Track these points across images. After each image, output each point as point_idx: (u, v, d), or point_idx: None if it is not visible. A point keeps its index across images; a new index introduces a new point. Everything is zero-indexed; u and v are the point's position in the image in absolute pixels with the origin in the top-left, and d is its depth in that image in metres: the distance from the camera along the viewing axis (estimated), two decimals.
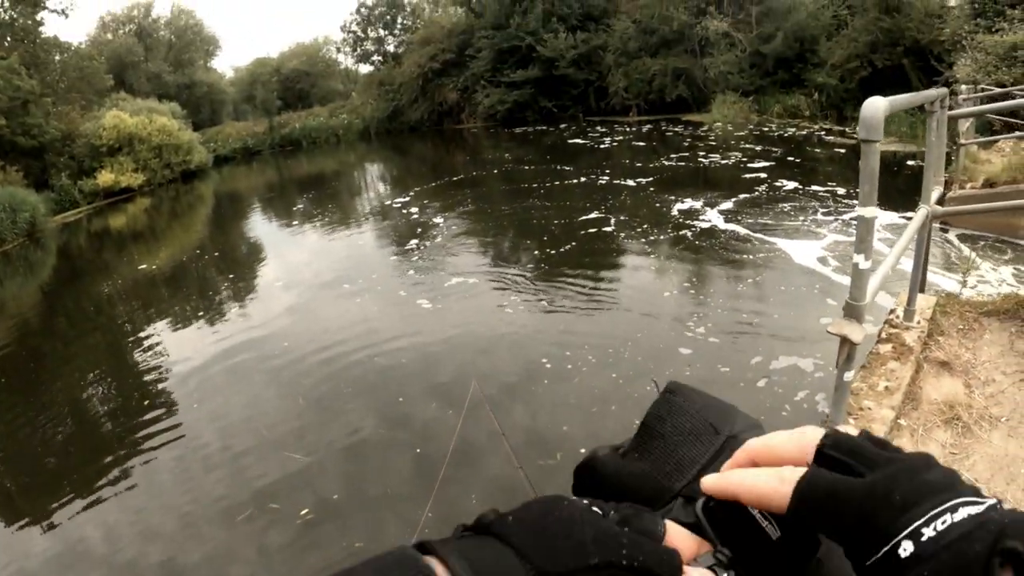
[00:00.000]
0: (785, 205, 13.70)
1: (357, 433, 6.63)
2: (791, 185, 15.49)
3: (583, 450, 5.74)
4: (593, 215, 14.57)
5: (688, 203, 14.66)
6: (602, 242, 12.57)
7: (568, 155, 25.99)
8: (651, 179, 18.19)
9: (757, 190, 15.36)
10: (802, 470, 0.41)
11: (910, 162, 16.00)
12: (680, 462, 0.49)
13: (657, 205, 15.00)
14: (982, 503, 0.35)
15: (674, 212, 14.09)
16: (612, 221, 13.93)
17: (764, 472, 0.43)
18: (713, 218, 13.14)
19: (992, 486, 2.43)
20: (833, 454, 0.41)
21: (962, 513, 0.34)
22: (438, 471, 5.17)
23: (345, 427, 6.76)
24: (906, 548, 0.34)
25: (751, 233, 11.80)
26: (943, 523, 0.34)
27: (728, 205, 14.06)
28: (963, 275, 7.48)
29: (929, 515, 0.35)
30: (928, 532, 0.34)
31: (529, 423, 6.36)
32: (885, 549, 0.35)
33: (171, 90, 49.78)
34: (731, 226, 12.36)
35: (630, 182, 18.08)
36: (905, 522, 0.35)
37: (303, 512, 5.38)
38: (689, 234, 12.28)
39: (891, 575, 0.35)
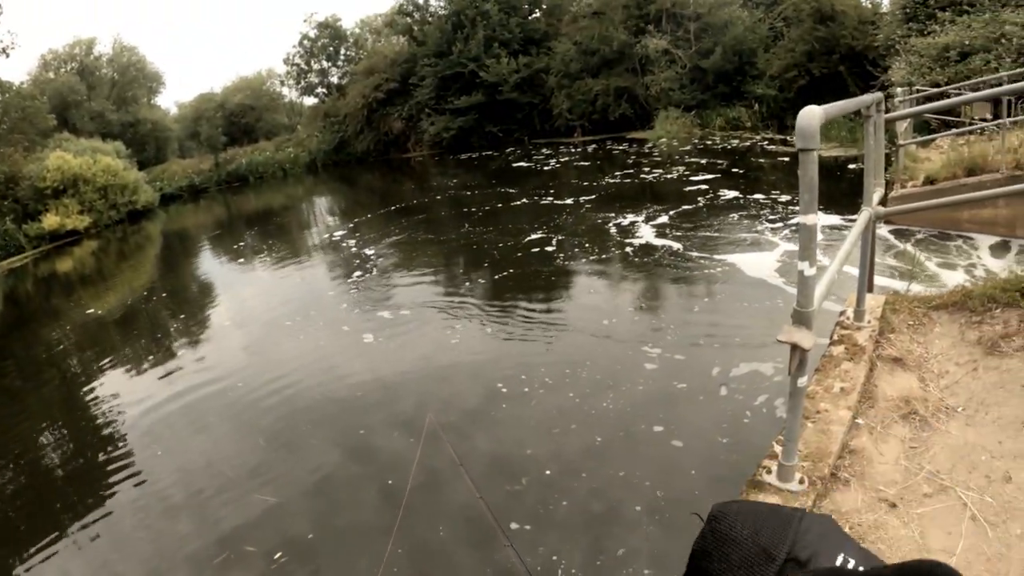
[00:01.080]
0: (732, 215, 13.94)
1: (321, 469, 6.45)
2: (733, 195, 15.82)
3: (548, 472, 5.69)
4: (537, 235, 14.65)
5: (630, 217, 14.85)
6: (548, 263, 12.56)
7: (513, 178, 26.12)
8: (594, 196, 18.41)
9: (700, 201, 15.65)
10: None
11: (852, 166, 16.41)
12: None
13: (599, 222, 15.15)
14: None
15: (613, 228, 14.26)
16: (554, 241, 14.00)
17: None
18: (655, 232, 13.30)
19: (954, 476, 2.44)
20: None
21: None
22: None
23: (309, 464, 6.58)
24: None
25: (697, 245, 11.96)
26: None
27: (667, 219, 14.27)
28: (911, 272, 7.65)
29: None
30: None
31: (492, 448, 6.27)
32: None
33: (115, 129, 48.56)
34: (672, 242, 12.50)
35: (570, 200, 18.31)
36: None
37: (277, 556, 5.20)
38: (630, 250, 12.41)
39: None
